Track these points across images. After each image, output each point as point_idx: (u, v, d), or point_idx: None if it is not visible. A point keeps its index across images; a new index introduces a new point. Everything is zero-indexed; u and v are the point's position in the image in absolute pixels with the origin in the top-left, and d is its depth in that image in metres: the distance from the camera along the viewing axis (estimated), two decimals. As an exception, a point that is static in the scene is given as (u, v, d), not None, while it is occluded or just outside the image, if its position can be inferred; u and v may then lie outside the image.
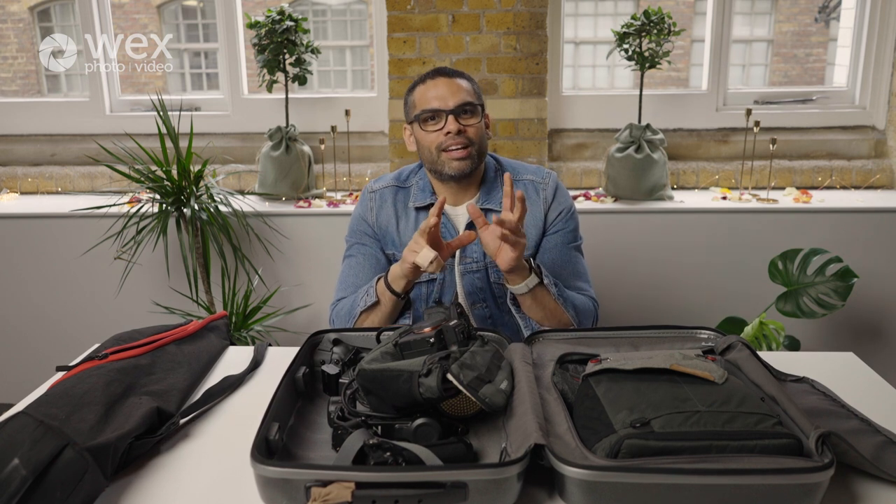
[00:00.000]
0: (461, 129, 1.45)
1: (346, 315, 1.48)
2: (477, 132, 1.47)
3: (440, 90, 1.47)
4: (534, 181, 1.56)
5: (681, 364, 0.97)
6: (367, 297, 1.43)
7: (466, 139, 1.46)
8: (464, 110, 1.46)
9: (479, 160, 1.50)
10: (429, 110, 1.47)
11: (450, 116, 1.45)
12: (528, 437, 0.86)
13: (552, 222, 1.54)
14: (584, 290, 1.53)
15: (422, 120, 1.48)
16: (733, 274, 2.45)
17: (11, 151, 2.85)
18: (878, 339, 2.50)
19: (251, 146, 2.76)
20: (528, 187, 1.55)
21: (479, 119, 1.49)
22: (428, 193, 1.54)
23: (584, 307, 1.48)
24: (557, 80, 2.70)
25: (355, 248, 1.58)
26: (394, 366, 0.96)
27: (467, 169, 1.47)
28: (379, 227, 1.56)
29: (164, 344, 1.22)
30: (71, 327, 2.57)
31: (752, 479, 0.79)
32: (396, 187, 1.58)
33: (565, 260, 1.53)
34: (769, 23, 6.26)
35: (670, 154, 2.68)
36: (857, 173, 2.65)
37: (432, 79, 1.50)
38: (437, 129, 1.47)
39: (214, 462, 0.96)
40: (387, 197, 1.57)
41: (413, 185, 1.58)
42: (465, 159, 1.46)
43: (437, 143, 1.47)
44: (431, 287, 1.54)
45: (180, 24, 6.51)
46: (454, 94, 1.46)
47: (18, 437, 0.82)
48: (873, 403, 1.07)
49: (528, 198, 1.50)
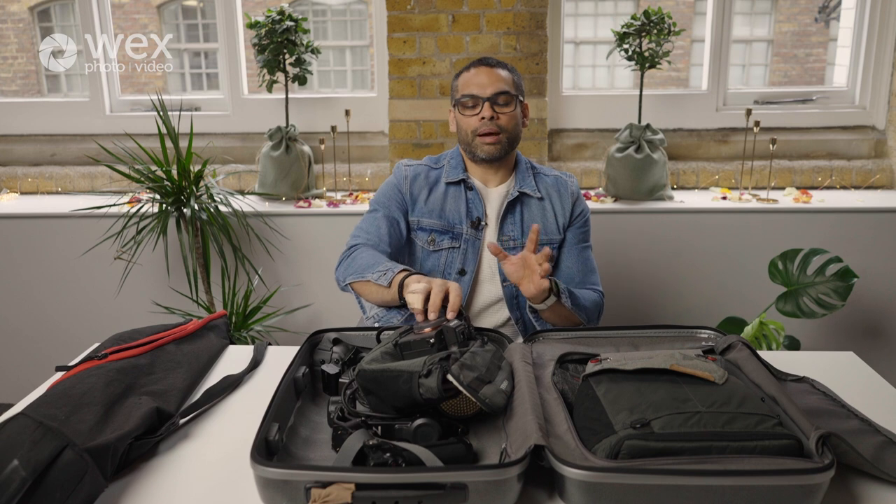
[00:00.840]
0: (493, 116, 1.55)
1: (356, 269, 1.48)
2: (510, 120, 1.58)
3: (481, 78, 1.57)
4: (560, 178, 1.69)
5: (681, 364, 0.97)
6: (383, 276, 1.39)
7: (498, 126, 1.56)
8: (499, 99, 1.56)
9: (510, 146, 1.60)
10: (467, 95, 1.57)
11: (486, 103, 1.55)
12: (528, 438, 0.86)
13: (576, 217, 1.67)
14: (594, 283, 1.65)
15: (461, 104, 1.59)
16: (733, 274, 2.45)
17: (11, 151, 2.85)
18: (878, 339, 2.50)
19: (251, 146, 2.76)
20: (558, 182, 1.67)
21: (513, 108, 1.58)
22: (460, 170, 1.64)
23: (594, 305, 1.58)
24: (557, 80, 2.70)
25: (383, 207, 1.63)
26: (394, 366, 0.96)
27: (497, 154, 1.58)
28: (410, 195, 1.64)
29: (163, 344, 1.22)
30: (71, 327, 2.57)
31: (753, 480, 0.79)
32: (429, 167, 1.69)
33: (584, 256, 1.65)
34: (769, 23, 6.26)
35: (670, 154, 2.68)
36: (857, 173, 2.65)
37: (476, 67, 1.60)
38: (473, 113, 1.57)
39: (214, 462, 0.96)
40: (420, 172, 1.67)
41: (445, 164, 1.68)
42: (495, 144, 1.57)
43: (473, 127, 1.57)
44: (452, 256, 1.60)
45: (180, 24, 6.51)
46: (492, 83, 1.56)
47: (18, 438, 0.82)
48: (873, 403, 1.07)
49: (559, 186, 1.66)
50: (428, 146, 2.57)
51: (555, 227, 1.63)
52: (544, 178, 1.67)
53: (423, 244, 1.61)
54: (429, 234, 1.60)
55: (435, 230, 1.60)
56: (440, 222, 1.60)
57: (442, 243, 1.60)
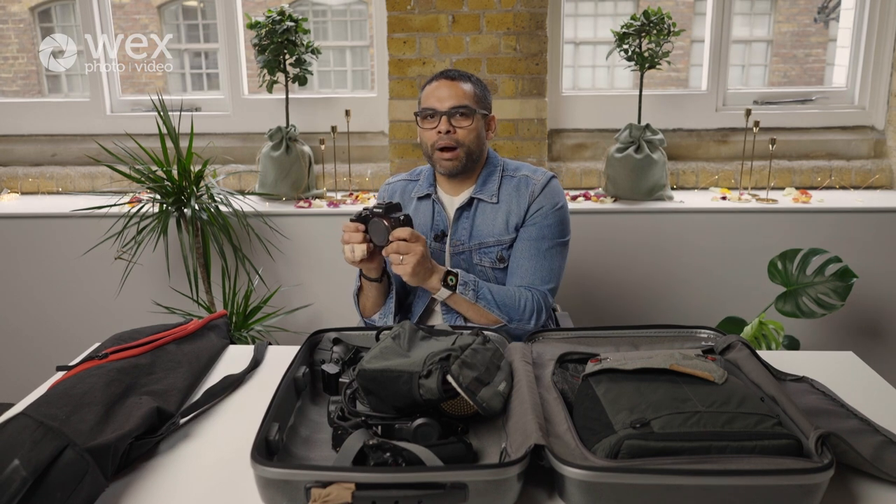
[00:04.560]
0: (450, 130, 1.55)
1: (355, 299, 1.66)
2: (467, 134, 1.56)
3: (441, 91, 1.57)
4: (527, 177, 1.63)
5: (681, 364, 0.97)
6: (356, 283, 1.63)
7: (455, 140, 1.56)
8: (457, 112, 1.55)
9: (469, 160, 1.59)
10: (427, 108, 1.58)
11: (443, 117, 1.55)
12: (527, 438, 0.86)
13: (531, 215, 1.60)
14: (544, 282, 1.58)
15: (421, 117, 1.60)
16: (733, 274, 2.45)
17: (12, 151, 2.85)
18: (877, 338, 2.50)
19: (251, 146, 2.76)
20: (521, 182, 1.63)
21: (471, 122, 1.57)
22: (427, 184, 1.67)
23: (517, 303, 1.53)
24: (557, 80, 2.70)
25: None
26: (394, 366, 0.97)
27: (455, 169, 1.58)
28: None
29: (164, 343, 1.22)
30: (71, 327, 2.57)
31: (752, 479, 0.79)
32: (407, 181, 1.73)
33: (531, 253, 1.58)
34: (769, 23, 6.26)
35: (670, 154, 2.68)
36: (857, 173, 2.65)
37: (438, 80, 1.60)
38: (431, 126, 1.58)
39: (215, 462, 0.97)
40: (399, 188, 1.72)
41: (421, 177, 1.71)
42: (452, 160, 1.57)
43: (432, 140, 1.57)
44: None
45: (181, 25, 6.51)
46: (451, 97, 1.56)
47: (19, 438, 0.82)
48: (873, 403, 1.07)
49: (520, 188, 1.61)
50: (428, 146, 2.57)
51: (503, 228, 1.59)
52: (510, 181, 1.63)
53: None
54: None
55: None
56: None
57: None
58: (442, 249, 1.62)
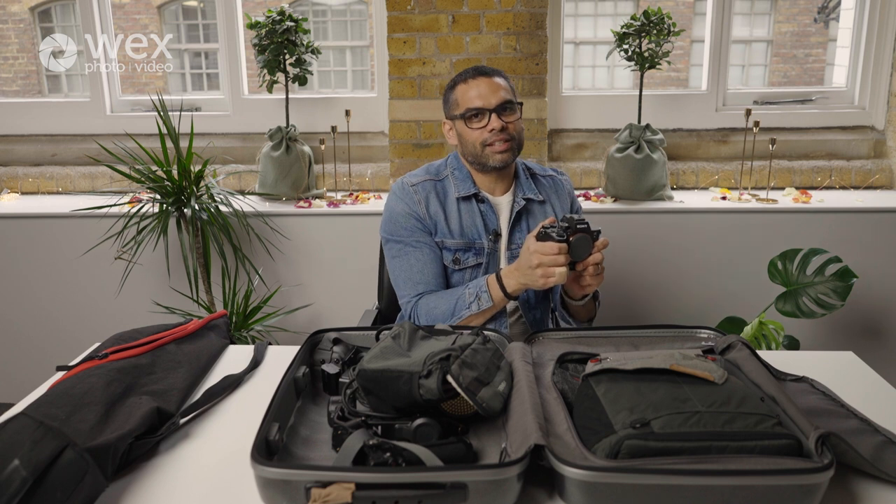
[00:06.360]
0: (504, 126, 1.55)
1: (445, 314, 1.53)
2: (516, 127, 1.59)
3: (482, 89, 1.56)
4: (554, 178, 1.74)
5: (681, 364, 0.97)
6: (479, 301, 1.50)
7: (508, 135, 1.57)
8: (504, 108, 1.56)
9: (519, 152, 1.63)
10: (473, 109, 1.56)
11: (493, 115, 1.55)
12: (528, 438, 0.86)
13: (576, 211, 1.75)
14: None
15: (466, 118, 1.57)
16: (733, 274, 2.45)
17: (12, 151, 2.85)
18: (877, 338, 2.50)
19: (251, 146, 2.76)
20: (555, 182, 1.72)
21: (518, 115, 1.60)
22: (469, 184, 1.63)
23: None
24: (557, 80, 2.70)
25: (414, 243, 1.61)
26: (394, 366, 0.97)
27: (510, 160, 1.60)
28: (430, 219, 1.61)
29: (164, 343, 1.22)
30: (71, 327, 2.57)
31: (752, 479, 0.79)
32: (433, 181, 1.65)
33: None
34: (769, 23, 6.26)
35: (670, 154, 2.68)
36: (857, 173, 2.65)
37: (473, 78, 1.59)
38: (481, 126, 1.57)
39: (215, 462, 0.96)
40: (428, 189, 1.64)
41: (448, 176, 1.65)
42: (507, 152, 1.57)
43: (482, 139, 1.57)
44: (476, 273, 1.61)
45: (181, 25, 6.51)
46: (495, 93, 1.56)
47: (18, 438, 0.82)
48: (873, 403, 1.07)
49: (556, 187, 1.71)
50: (428, 146, 2.57)
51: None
52: (541, 180, 1.71)
53: (447, 263, 1.61)
54: (453, 254, 1.60)
55: (459, 249, 1.60)
56: (462, 241, 1.60)
57: (467, 261, 1.60)
58: (496, 248, 1.62)
